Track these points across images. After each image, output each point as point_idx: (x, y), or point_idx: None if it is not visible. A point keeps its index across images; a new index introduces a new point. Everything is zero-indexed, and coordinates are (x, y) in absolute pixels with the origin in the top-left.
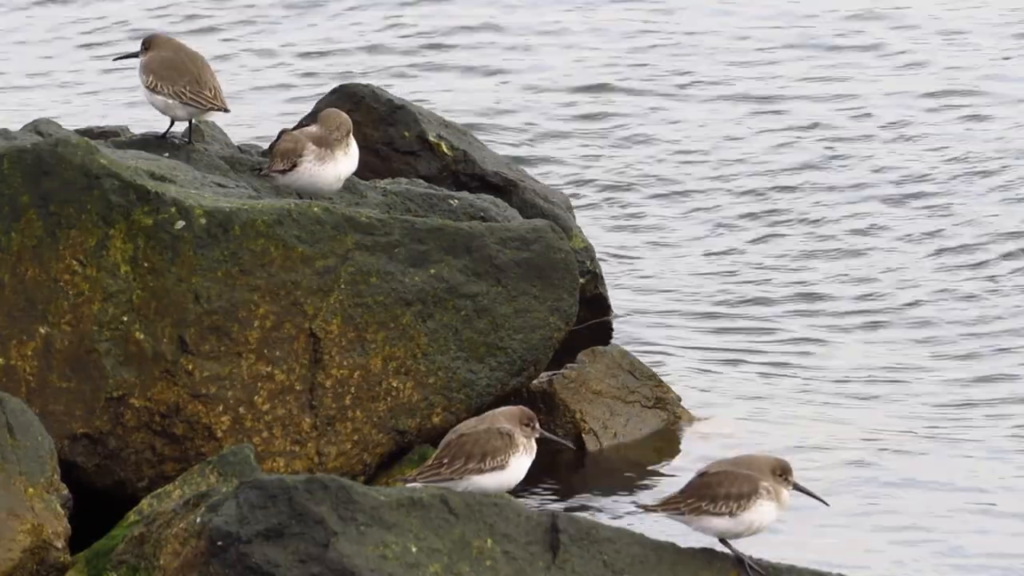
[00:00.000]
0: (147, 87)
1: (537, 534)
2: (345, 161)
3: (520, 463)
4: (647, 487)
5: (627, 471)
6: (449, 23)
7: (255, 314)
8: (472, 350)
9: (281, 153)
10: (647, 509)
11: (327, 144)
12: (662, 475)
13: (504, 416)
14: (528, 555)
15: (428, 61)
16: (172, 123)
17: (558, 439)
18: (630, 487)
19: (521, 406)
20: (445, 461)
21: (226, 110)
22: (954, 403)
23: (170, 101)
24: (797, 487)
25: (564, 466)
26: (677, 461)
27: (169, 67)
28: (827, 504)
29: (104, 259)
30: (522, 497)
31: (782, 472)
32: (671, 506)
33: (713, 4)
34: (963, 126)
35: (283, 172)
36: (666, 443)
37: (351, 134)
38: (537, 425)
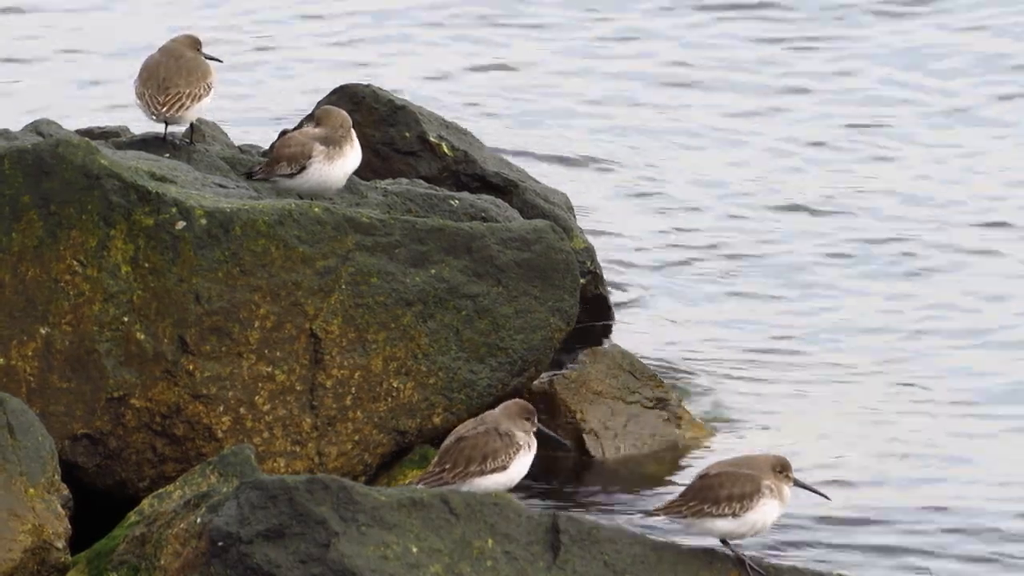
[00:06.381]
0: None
1: (538, 534)
2: (352, 156)
3: (521, 462)
4: (648, 487)
5: (627, 471)
6: None
7: (256, 314)
8: (473, 350)
9: (288, 157)
10: (649, 514)
11: (334, 142)
12: (663, 475)
13: (504, 415)
14: (529, 555)
15: None
16: (168, 126)
17: (555, 436)
18: (630, 487)
19: (518, 399)
20: (447, 467)
21: (164, 120)
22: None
23: (138, 102)
24: (798, 483)
25: (565, 466)
26: (678, 461)
27: (145, 69)
28: (828, 498)
29: (105, 259)
30: (523, 497)
31: (782, 469)
32: (673, 509)
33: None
34: None
35: (290, 176)
36: (667, 443)
37: (352, 129)
38: (535, 419)
